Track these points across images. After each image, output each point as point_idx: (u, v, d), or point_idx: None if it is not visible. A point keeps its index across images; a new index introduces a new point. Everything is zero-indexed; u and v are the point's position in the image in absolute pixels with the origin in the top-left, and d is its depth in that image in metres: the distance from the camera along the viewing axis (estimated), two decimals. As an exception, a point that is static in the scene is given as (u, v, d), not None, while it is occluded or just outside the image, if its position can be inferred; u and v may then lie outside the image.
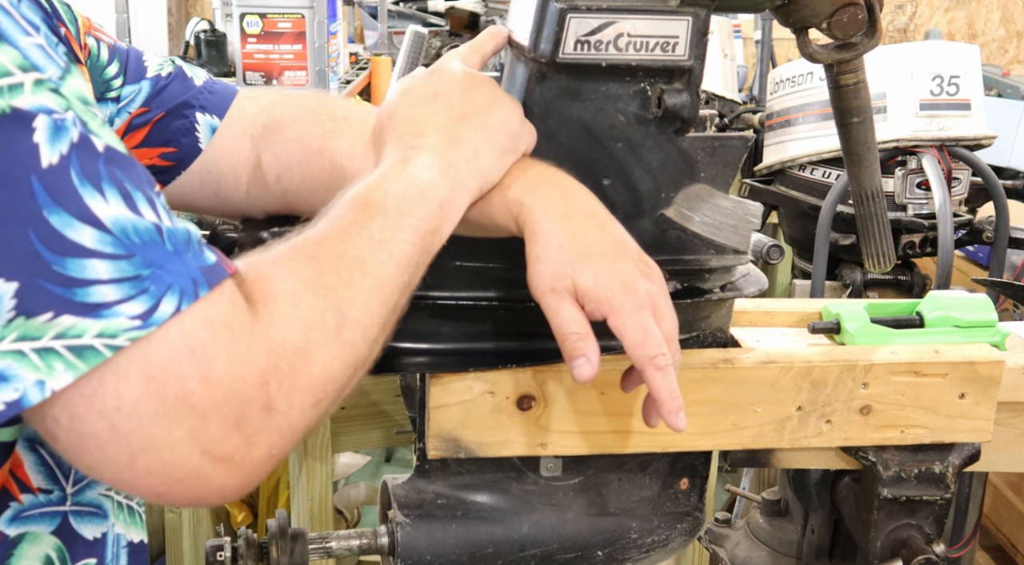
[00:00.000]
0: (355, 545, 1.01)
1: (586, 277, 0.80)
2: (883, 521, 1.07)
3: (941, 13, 4.74)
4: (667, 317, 0.83)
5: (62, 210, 0.58)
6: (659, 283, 0.84)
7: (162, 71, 1.00)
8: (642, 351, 0.80)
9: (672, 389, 0.81)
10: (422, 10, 4.50)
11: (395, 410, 2.00)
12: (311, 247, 0.72)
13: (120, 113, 0.97)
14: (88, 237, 0.58)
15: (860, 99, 0.99)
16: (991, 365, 1.03)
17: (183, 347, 0.60)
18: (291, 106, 1.01)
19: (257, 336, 0.64)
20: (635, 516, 1.04)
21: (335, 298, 0.69)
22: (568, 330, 0.81)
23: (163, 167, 0.99)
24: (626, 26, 0.87)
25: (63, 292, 0.58)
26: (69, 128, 0.59)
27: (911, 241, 2.06)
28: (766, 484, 2.21)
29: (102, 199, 0.59)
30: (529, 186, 0.85)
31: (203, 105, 1.00)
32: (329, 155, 0.96)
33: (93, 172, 0.60)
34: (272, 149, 0.99)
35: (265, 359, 0.64)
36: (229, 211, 1.03)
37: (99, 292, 0.58)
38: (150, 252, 0.60)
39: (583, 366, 0.80)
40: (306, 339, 0.66)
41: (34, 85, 0.59)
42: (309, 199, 0.97)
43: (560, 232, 0.82)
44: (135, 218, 0.60)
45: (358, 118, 0.97)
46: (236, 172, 0.99)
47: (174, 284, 0.61)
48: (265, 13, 2.86)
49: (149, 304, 0.60)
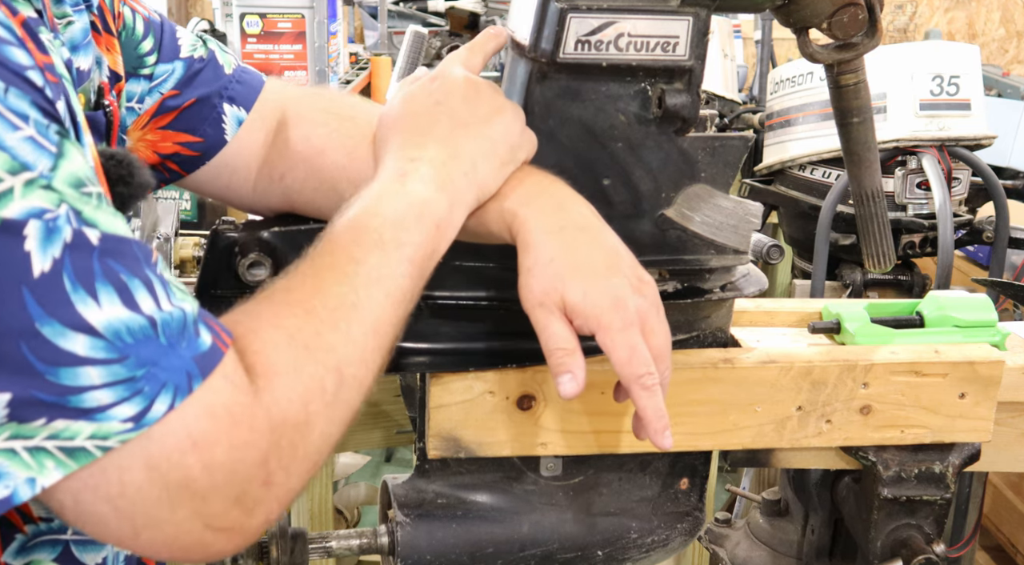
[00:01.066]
0: (355, 545, 1.01)
1: (575, 293, 0.80)
2: (883, 521, 1.07)
3: (941, 13, 4.74)
4: (658, 333, 0.83)
5: (54, 321, 0.58)
6: (652, 299, 0.84)
7: (195, 53, 0.99)
8: (628, 369, 0.80)
9: (658, 408, 0.81)
10: (422, 10, 4.50)
11: (395, 410, 2.00)
12: (309, 297, 0.71)
13: (152, 92, 0.96)
14: (81, 345, 0.58)
15: (860, 99, 0.99)
16: (991, 365, 1.03)
17: (185, 438, 0.61)
18: (304, 103, 1.01)
19: (258, 418, 0.65)
20: (635, 516, 1.04)
21: (334, 358, 0.70)
22: (555, 346, 0.81)
23: (187, 156, 0.98)
24: (627, 26, 0.87)
25: (56, 400, 0.58)
26: (62, 228, 0.58)
27: (911, 241, 2.06)
28: (766, 484, 2.21)
29: (95, 304, 0.59)
30: (524, 197, 0.85)
31: (232, 96, 0.99)
32: (332, 155, 0.95)
33: (86, 272, 0.59)
34: (278, 146, 0.99)
35: (266, 439, 0.65)
36: (236, 204, 1.03)
37: (92, 397, 0.59)
38: (144, 351, 0.60)
39: (568, 383, 0.80)
40: (306, 412, 0.68)
41: (24, 187, 0.57)
42: (312, 199, 0.97)
43: (552, 245, 0.82)
44: (129, 317, 0.60)
45: (364, 119, 0.97)
46: (248, 167, 0.99)
47: (168, 381, 0.61)
48: (265, 13, 2.87)
49: (143, 405, 0.60)
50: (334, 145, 0.96)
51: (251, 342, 0.67)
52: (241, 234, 0.94)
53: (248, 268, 0.93)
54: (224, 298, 0.94)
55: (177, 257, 2.07)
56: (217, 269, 0.94)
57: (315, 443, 0.68)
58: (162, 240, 1.98)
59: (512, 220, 0.84)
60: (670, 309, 0.98)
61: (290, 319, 0.70)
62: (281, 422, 0.66)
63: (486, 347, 0.95)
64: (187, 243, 2.11)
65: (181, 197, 2.46)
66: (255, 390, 0.65)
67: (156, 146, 0.97)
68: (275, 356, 0.67)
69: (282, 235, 0.94)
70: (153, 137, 0.97)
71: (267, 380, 0.66)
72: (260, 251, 0.93)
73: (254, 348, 0.67)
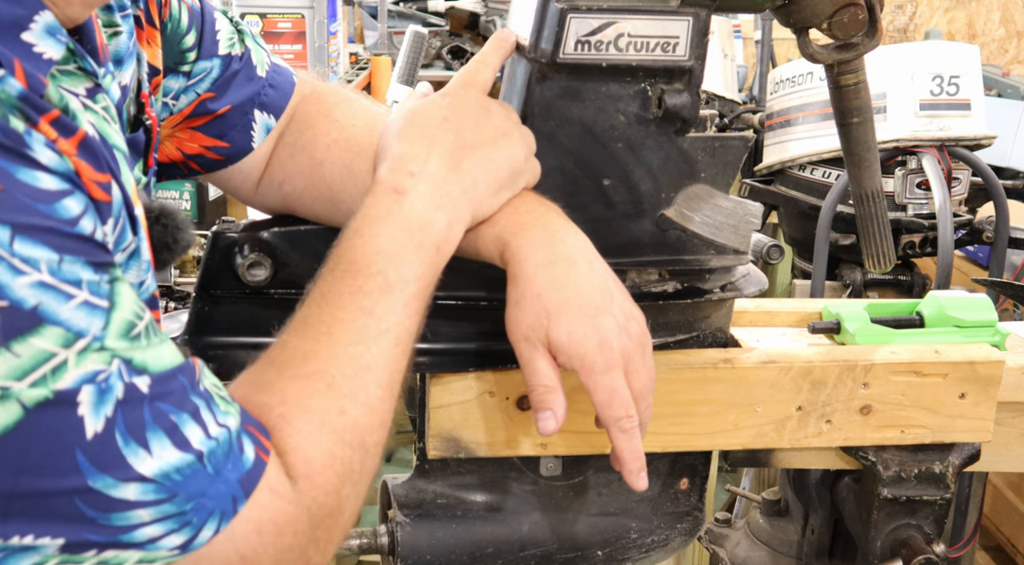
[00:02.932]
0: (355, 545, 1.01)
1: (560, 332, 0.81)
2: (883, 521, 1.07)
3: (941, 13, 4.74)
4: (641, 374, 0.83)
5: (107, 476, 0.59)
6: (637, 338, 0.84)
7: (233, 50, 0.97)
8: (608, 412, 0.82)
9: (635, 450, 0.83)
10: (422, 10, 4.50)
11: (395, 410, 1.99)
12: (327, 365, 0.72)
13: (188, 91, 0.95)
14: (132, 492, 0.60)
15: (860, 99, 0.99)
16: (991, 365, 1.03)
17: (233, 553, 0.64)
18: (309, 107, 1.00)
19: (301, 521, 0.67)
20: (635, 516, 1.04)
21: (359, 435, 0.72)
22: (537, 382, 0.82)
23: (210, 159, 0.98)
24: (626, 26, 0.87)
25: (107, 538, 0.60)
26: (114, 386, 0.60)
27: (911, 241, 2.06)
28: (766, 484, 2.21)
29: (146, 454, 0.61)
30: (517, 226, 0.84)
31: (264, 103, 0.98)
32: (331, 168, 0.95)
33: (138, 424, 0.61)
34: (279, 153, 0.98)
35: (308, 536, 0.68)
36: (238, 198, 1.03)
37: (143, 533, 0.61)
38: (192, 485, 0.63)
39: (547, 419, 0.81)
40: (339, 498, 0.70)
41: (78, 357, 0.58)
42: (311, 207, 0.96)
43: (540, 280, 0.82)
44: (179, 458, 0.62)
45: (364, 126, 0.96)
46: (254, 171, 0.99)
47: (215, 509, 0.63)
48: (265, 13, 2.86)
49: (190, 535, 0.63)
50: (333, 158, 0.95)
51: (287, 436, 0.69)
52: (241, 234, 0.94)
53: (248, 268, 0.93)
54: (224, 298, 0.94)
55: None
56: (217, 269, 0.94)
57: (346, 522, 0.72)
58: (162, 240, 1.97)
59: (504, 249, 0.84)
60: (670, 309, 0.98)
61: (315, 398, 0.71)
62: (320, 516, 0.69)
63: (486, 347, 0.95)
64: (187, 243, 2.10)
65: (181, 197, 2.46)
66: (297, 494, 0.68)
67: (183, 145, 0.97)
68: (311, 450, 0.69)
69: (282, 235, 0.94)
70: (182, 136, 0.96)
71: (308, 480, 0.68)
72: (260, 251, 0.93)
73: (291, 444, 0.69)
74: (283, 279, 0.94)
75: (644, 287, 0.97)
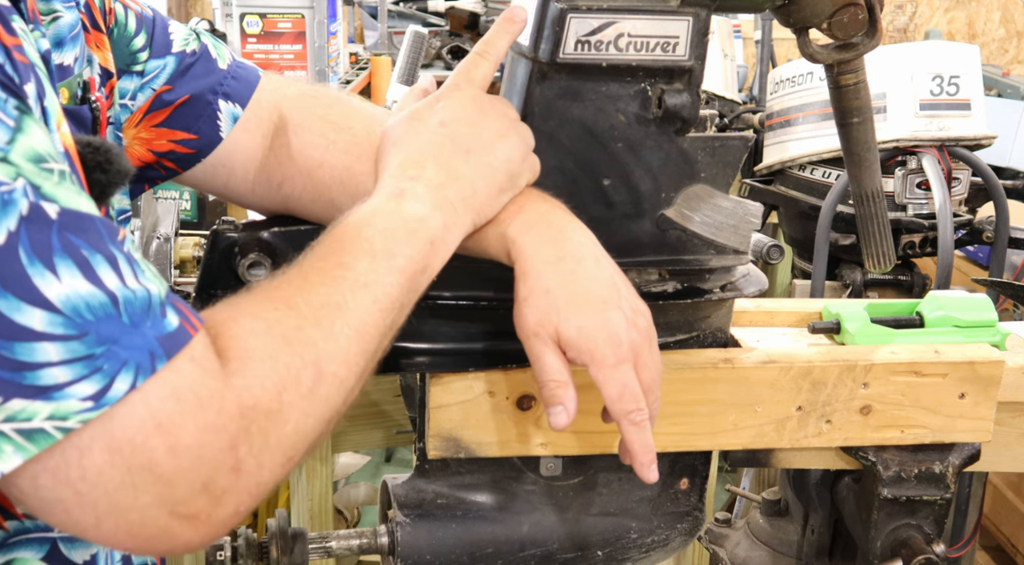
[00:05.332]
0: (355, 545, 1.01)
1: (569, 327, 0.81)
2: (883, 521, 1.07)
3: (941, 13, 4.74)
4: (649, 367, 0.84)
5: (9, 294, 0.56)
6: (645, 331, 0.84)
7: (187, 47, 0.98)
8: (619, 406, 0.82)
9: (646, 443, 0.83)
10: (422, 10, 4.50)
11: (395, 410, 2.00)
12: (293, 294, 0.71)
13: (143, 88, 0.95)
14: (37, 320, 0.57)
15: (860, 99, 0.99)
16: (991, 365, 1.03)
17: (149, 419, 0.60)
18: (301, 107, 1.00)
19: (227, 400, 0.63)
20: (635, 516, 1.04)
21: (313, 353, 0.68)
22: (548, 377, 0.82)
23: (182, 154, 0.97)
24: (626, 26, 0.87)
25: (12, 376, 0.57)
26: (17, 200, 0.57)
27: (911, 241, 2.06)
28: (766, 484, 2.21)
29: (53, 277, 0.57)
30: (524, 224, 0.85)
31: (227, 92, 0.98)
32: (330, 170, 0.95)
33: (44, 246, 0.57)
34: (277, 154, 0.98)
35: (236, 424, 0.63)
36: (236, 201, 1.03)
37: (49, 375, 0.57)
38: (104, 328, 0.59)
39: (559, 414, 0.82)
40: (279, 400, 0.66)
41: None
42: (310, 208, 0.96)
43: (549, 276, 0.82)
44: (89, 291, 0.59)
45: (361, 128, 0.96)
46: (245, 168, 0.99)
47: (129, 360, 0.59)
48: (265, 13, 2.87)
49: (102, 384, 0.58)
50: (332, 160, 0.95)
51: (228, 328, 0.66)
52: (241, 234, 0.94)
53: (248, 268, 0.93)
54: (224, 298, 0.94)
55: (177, 257, 2.07)
56: (217, 269, 0.94)
57: (289, 436, 0.66)
58: (162, 240, 1.98)
59: (511, 247, 0.84)
60: (670, 309, 0.98)
61: (271, 312, 0.69)
62: (252, 407, 0.64)
63: (486, 347, 0.95)
64: (187, 243, 2.11)
65: (181, 197, 2.46)
66: (226, 374, 0.63)
67: (150, 144, 0.96)
68: (251, 342, 0.66)
69: (282, 235, 0.94)
70: (147, 135, 0.96)
71: (240, 364, 0.64)
72: (260, 251, 0.93)
73: (230, 333, 0.66)
74: (283, 279, 0.94)
75: (644, 287, 0.97)
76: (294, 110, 0.99)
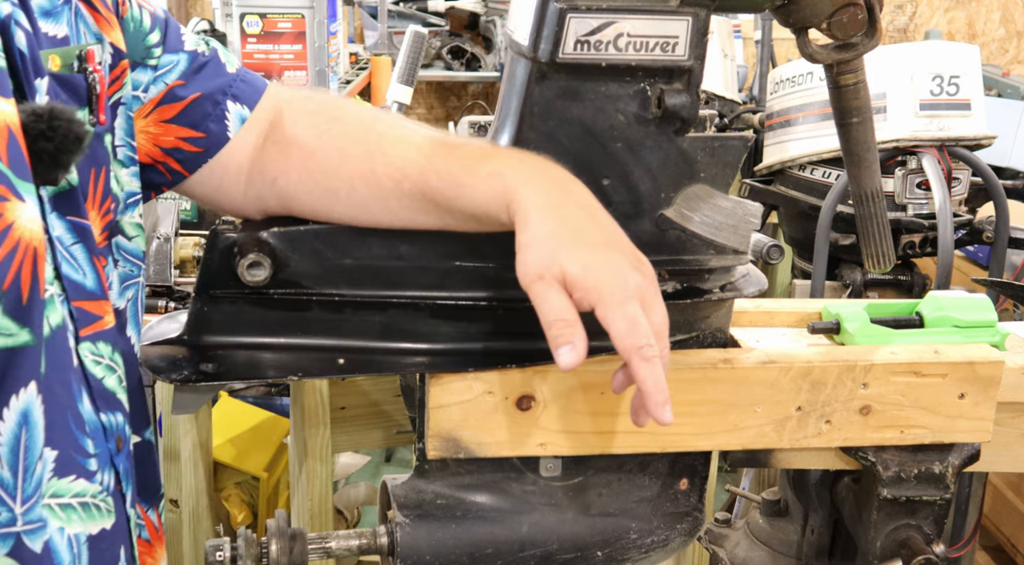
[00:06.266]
0: (355, 545, 1.01)
1: (575, 265, 0.79)
2: (883, 521, 1.07)
3: (941, 13, 4.74)
4: (657, 311, 0.82)
5: None
6: (650, 278, 0.83)
7: (199, 49, 0.99)
8: (628, 341, 0.78)
9: (658, 380, 0.79)
10: (422, 10, 4.50)
11: (395, 410, 2.00)
12: None
13: (156, 81, 0.96)
14: None
15: (860, 99, 0.99)
16: (991, 365, 1.03)
17: None
18: (295, 105, 1.01)
19: None
20: (635, 516, 1.04)
21: None
22: (554, 317, 0.79)
23: (189, 152, 0.98)
24: (626, 26, 0.87)
25: None
26: None
27: (911, 241, 2.06)
28: (766, 484, 2.21)
29: None
30: (524, 175, 0.85)
31: (236, 94, 0.99)
32: (324, 157, 0.95)
33: None
34: (269, 150, 0.98)
35: None
36: (226, 207, 1.02)
37: None
38: None
39: (568, 353, 0.78)
40: None
41: None
42: (307, 201, 0.96)
43: (551, 220, 0.82)
44: None
45: (352, 118, 0.97)
46: (239, 169, 0.99)
47: None
48: (265, 13, 2.86)
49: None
50: (325, 146, 0.96)
51: None
52: (240, 234, 0.94)
53: (248, 268, 0.93)
54: (223, 298, 0.94)
55: (177, 257, 2.07)
56: (216, 269, 0.94)
57: None
58: (162, 240, 1.98)
59: (512, 198, 0.84)
60: (670, 309, 0.98)
61: None
62: None
63: (486, 347, 0.95)
64: (187, 243, 2.11)
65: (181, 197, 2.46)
66: None
67: (157, 140, 0.97)
68: None
69: (281, 235, 0.94)
70: (156, 130, 0.96)
71: None
72: (260, 251, 0.93)
73: None
74: (283, 279, 0.94)
75: (644, 287, 0.96)
76: (288, 107, 1.00)
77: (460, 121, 2.64)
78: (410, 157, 0.91)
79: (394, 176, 0.90)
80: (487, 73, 4.52)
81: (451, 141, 0.92)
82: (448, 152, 0.90)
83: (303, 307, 0.94)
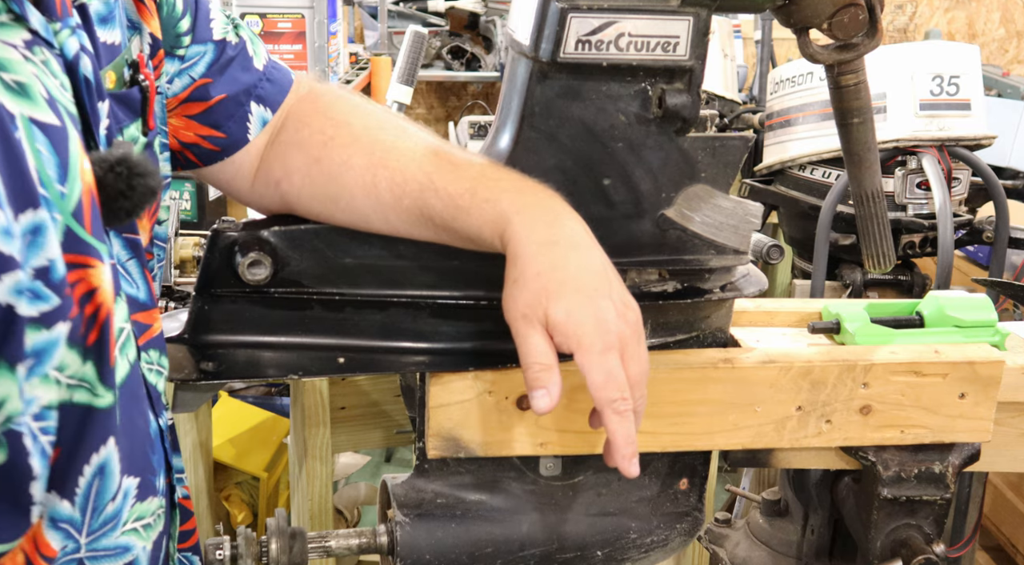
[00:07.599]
0: (354, 544, 1.01)
1: (558, 310, 0.80)
2: (883, 521, 1.07)
3: (941, 13, 4.74)
4: (636, 361, 0.82)
5: None
6: (634, 326, 0.83)
7: (227, 37, 0.96)
8: (603, 393, 0.80)
9: (628, 434, 0.81)
10: (422, 10, 4.50)
11: (395, 410, 2.00)
12: None
13: (182, 74, 0.94)
14: None
15: (860, 99, 0.99)
16: (991, 365, 1.03)
17: None
18: (304, 105, 1.00)
19: None
20: (634, 516, 1.04)
21: None
22: (532, 360, 0.81)
23: (207, 150, 0.97)
24: (627, 26, 0.87)
25: None
26: None
27: (911, 241, 2.06)
28: (766, 484, 2.21)
29: None
30: (520, 206, 0.84)
31: (261, 95, 0.98)
32: (328, 164, 0.95)
33: None
34: (276, 150, 0.98)
35: None
36: (233, 196, 1.02)
37: None
38: None
39: (542, 398, 0.80)
40: None
41: None
42: (309, 204, 0.96)
43: (541, 259, 0.82)
44: None
45: (359, 124, 0.96)
46: (251, 167, 0.99)
47: None
48: (265, 13, 2.86)
49: None
50: (331, 155, 0.95)
51: None
52: (241, 233, 0.94)
53: (248, 267, 0.93)
54: (224, 297, 0.94)
55: (177, 257, 2.07)
56: (217, 268, 0.94)
57: None
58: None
59: (505, 227, 0.84)
60: (670, 309, 0.98)
61: None
62: None
63: (486, 347, 0.95)
64: (187, 243, 2.11)
65: (181, 197, 2.46)
66: None
67: (178, 133, 0.96)
68: None
69: (282, 234, 0.94)
70: (178, 123, 0.96)
71: None
72: (260, 250, 0.93)
73: None
74: (283, 278, 0.94)
75: (644, 287, 0.97)
76: (298, 109, 0.99)
77: (460, 121, 2.64)
78: (411, 173, 0.90)
79: (395, 192, 0.90)
80: (487, 73, 4.52)
81: (455, 158, 0.91)
82: (449, 170, 0.90)
83: (303, 306, 0.94)
